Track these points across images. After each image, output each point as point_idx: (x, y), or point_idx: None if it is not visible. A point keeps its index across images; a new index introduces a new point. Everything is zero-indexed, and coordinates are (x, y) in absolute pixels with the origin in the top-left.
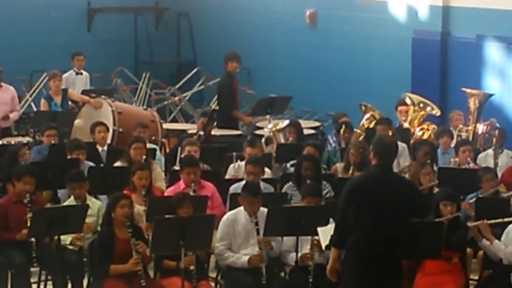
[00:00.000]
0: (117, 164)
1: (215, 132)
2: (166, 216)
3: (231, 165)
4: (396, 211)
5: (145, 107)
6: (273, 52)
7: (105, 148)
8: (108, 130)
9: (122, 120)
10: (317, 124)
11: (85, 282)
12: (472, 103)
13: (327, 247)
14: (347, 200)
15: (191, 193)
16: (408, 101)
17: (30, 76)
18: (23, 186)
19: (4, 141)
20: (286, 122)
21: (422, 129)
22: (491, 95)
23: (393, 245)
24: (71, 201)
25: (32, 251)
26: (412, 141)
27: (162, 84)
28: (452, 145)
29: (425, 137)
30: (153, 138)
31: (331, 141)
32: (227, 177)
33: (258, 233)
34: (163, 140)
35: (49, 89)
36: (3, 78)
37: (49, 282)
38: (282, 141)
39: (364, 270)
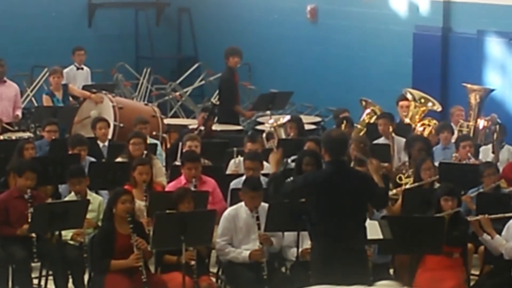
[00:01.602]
0: (118, 159)
1: (216, 127)
2: (167, 211)
3: (232, 161)
4: (350, 204)
5: (146, 102)
6: (274, 47)
7: (106, 143)
8: (109, 126)
9: (123, 116)
10: (318, 119)
11: (86, 277)
12: (473, 99)
13: None
14: (301, 191)
15: (192, 189)
16: (409, 96)
17: (31, 72)
18: (25, 181)
19: (5, 136)
20: (287, 117)
21: (423, 124)
22: (492, 90)
23: (354, 238)
24: (71, 197)
25: (33, 246)
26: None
27: (163, 80)
28: (453, 140)
29: (426, 132)
30: (154, 133)
31: None
32: (227, 172)
33: (259, 228)
34: (164, 135)
35: (50, 85)
36: (6, 74)
37: (50, 278)
38: (283, 136)
39: (328, 263)
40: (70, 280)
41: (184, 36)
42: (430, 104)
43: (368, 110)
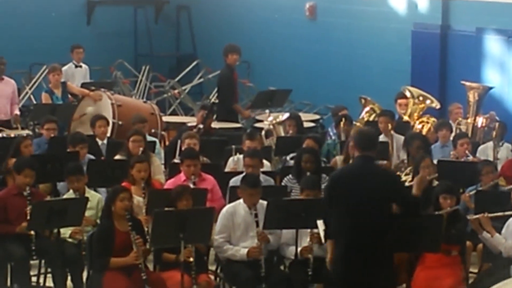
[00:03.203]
0: (117, 157)
1: (214, 125)
2: (166, 209)
3: (231, 158)
4: (374, 201)
5: (144, 100)
6: (273, 45)
7: (105, 141)
8: (108, 124)
9: (122, 113)
10: (316, 117)
11: (84, 275)
12: (472, 96)
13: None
14: (327, 191)
15: (191, 186)
16: (407, 94)
17: (30, 69)
18: (23, 179)
19: (4, 134)
20: (286, 115)
21: (421, 122)
22: (491, 88)
23: (377, 236)
24: (70, 194)
25: (32, 244)
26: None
27: (162, 77)
28: (451, 138)
29: (424, 130)
30: (152, 131)
31: (331, 133)
32: (226, 170)
33: (257, 226)
34: (163, 133)
35: (48, 82)
36: (4, 71)
37: (49, 275)
38: (282, 134)
39: (350, 261)
40: (69, 278)
41: (183, 33)
42: (428, 101)
43: (367, 108)
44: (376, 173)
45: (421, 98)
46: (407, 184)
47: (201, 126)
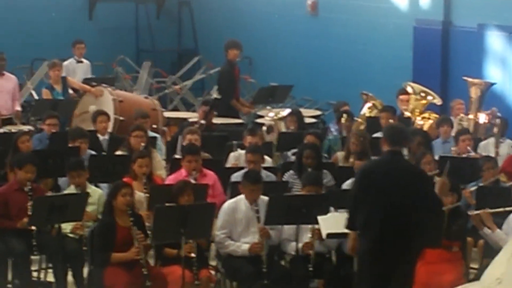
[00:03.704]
0: (118, 152)
1: (216, 120)
2: (167, 204)
3: (232, 154)
4: (402, 195)
5: (146, 95)
6: (275, 40)
7: (106, 137)
8: (109, 119)
9: (123, 109)
10: (318, 113)
11: (85, 270)
12: (474, 92)
13: (328, 235)
14: (357, 185)
15: (192, 181)
16: (409, 90)
17: (31, 64)
18: (25, 174)
19: (5, 129)
20: (287, 110)
21: (423, 118)
22: (493, 84)
23: (404, 229)
24: (71, 190)
25: (33, 239)
26: None
27: (163, 73)
28: (453, 134)
29: (426, 126)
30: (154, 126)
31: (332, 129)
32: (227, 165)
33: (258, 221)
34: (164, 128)
35: (49, 78)
36: (5, 67)
37: (50, 270)
38: (283, 129)
39: (378, 255)
40: (70, 273)
41: (184, 29)
42: (430, 97)
43: (368, 104)
44: (405, 168)
45: (422, 94)
46: None
47: (202, 121)
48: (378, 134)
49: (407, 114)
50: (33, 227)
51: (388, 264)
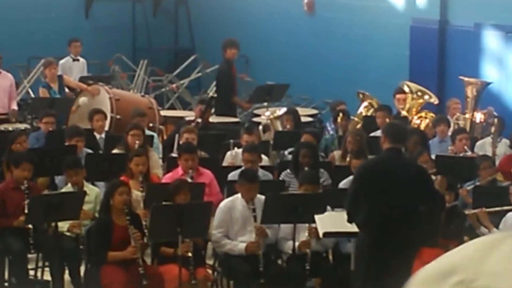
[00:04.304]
0: (115, 151)
1: (212, 119)
2: (163, 203)
3: (228, 153)
4: (403, 192)
5: (142, 94)
6: (271, 39)
7: (103, 135)
8: (106, 117)
9: (120, 107)
10: (314, 111)
11: (82, 269)
12: (470, 92)
13: (324, 234)
14: (357, 182)
15: (189, 180)
16: (406, 89)
17: (28, 63)
18: (21, 172)
19: (2, 127)
20: (284, 109)
21: (420, 117)
22: (489, 83)
23: (404, 226)
24: (68, 188)
25: (30, 237)
26: None
27: (160, 71)
28: (449, 133)
29: (423, 125)
30: (150, 125)
31: (329, 128)
32: (224, 164)
33: (255, 220)
34: (161, 127)
35: (45, 77)
36: (1, 65)
37: (46, 269)
38: (280, 128)
39: (378, 251)
40: (66, 272)
41: (181, 28)
42: (427, 96)
43: (365, 103)
44: (406, 166)
45: (419, 93)
46: None
47: (199, 120)
48: (375, 133)
49: (404, 113)
50: (30, 226)
51: (387, 260)
